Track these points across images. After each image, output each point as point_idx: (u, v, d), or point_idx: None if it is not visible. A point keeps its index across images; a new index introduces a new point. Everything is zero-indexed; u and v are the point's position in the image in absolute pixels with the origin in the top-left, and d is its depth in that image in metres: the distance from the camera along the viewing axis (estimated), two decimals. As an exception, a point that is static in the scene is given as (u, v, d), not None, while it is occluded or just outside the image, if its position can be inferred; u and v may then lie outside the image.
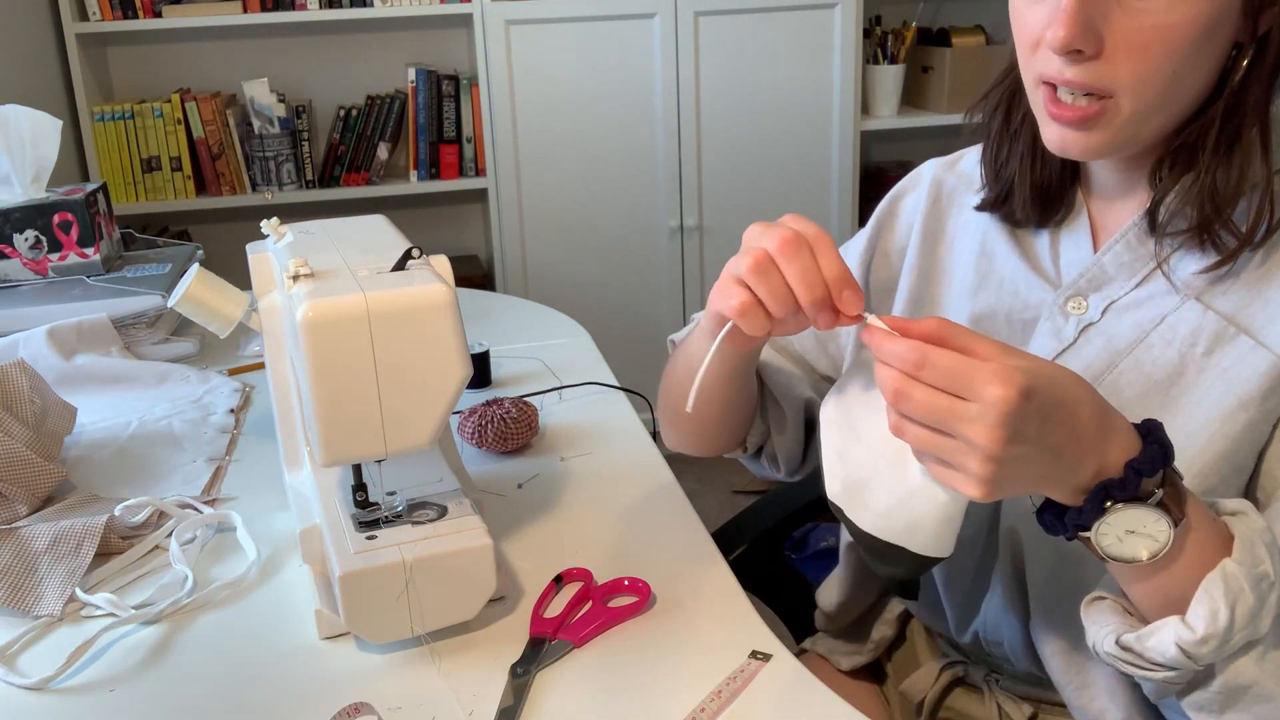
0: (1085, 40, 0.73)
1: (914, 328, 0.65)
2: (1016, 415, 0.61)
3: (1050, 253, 0.89)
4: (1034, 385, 0.61)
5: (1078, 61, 0.75)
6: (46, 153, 1.60)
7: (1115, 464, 0.66)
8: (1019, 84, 0.87)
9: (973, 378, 0.61)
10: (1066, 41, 0.73)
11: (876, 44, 3.10)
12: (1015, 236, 0.92)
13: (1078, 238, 0.88)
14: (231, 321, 1.05)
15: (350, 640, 0.86)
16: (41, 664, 0.85)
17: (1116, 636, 0.70)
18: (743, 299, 0.73)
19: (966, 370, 0.62)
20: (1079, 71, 0.75)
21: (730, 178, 3.03)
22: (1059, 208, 0.89)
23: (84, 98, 2.82)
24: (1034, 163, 0.88)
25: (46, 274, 1.58)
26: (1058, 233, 0.89)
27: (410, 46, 3.08)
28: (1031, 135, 0.88)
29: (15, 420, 1.09)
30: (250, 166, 2.95)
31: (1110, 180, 0.87)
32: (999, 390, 0.61)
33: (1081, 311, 0.85)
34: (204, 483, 1.13)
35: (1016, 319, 0.89)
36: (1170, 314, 0.81)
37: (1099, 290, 0.84)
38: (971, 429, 0.62)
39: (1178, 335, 0.80)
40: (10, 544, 0.97)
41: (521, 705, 0.78)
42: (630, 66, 2.91)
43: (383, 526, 0.86)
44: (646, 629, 0.87)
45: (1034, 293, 0.88)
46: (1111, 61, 0.74)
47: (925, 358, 0.63)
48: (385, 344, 0.78)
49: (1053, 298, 0.86)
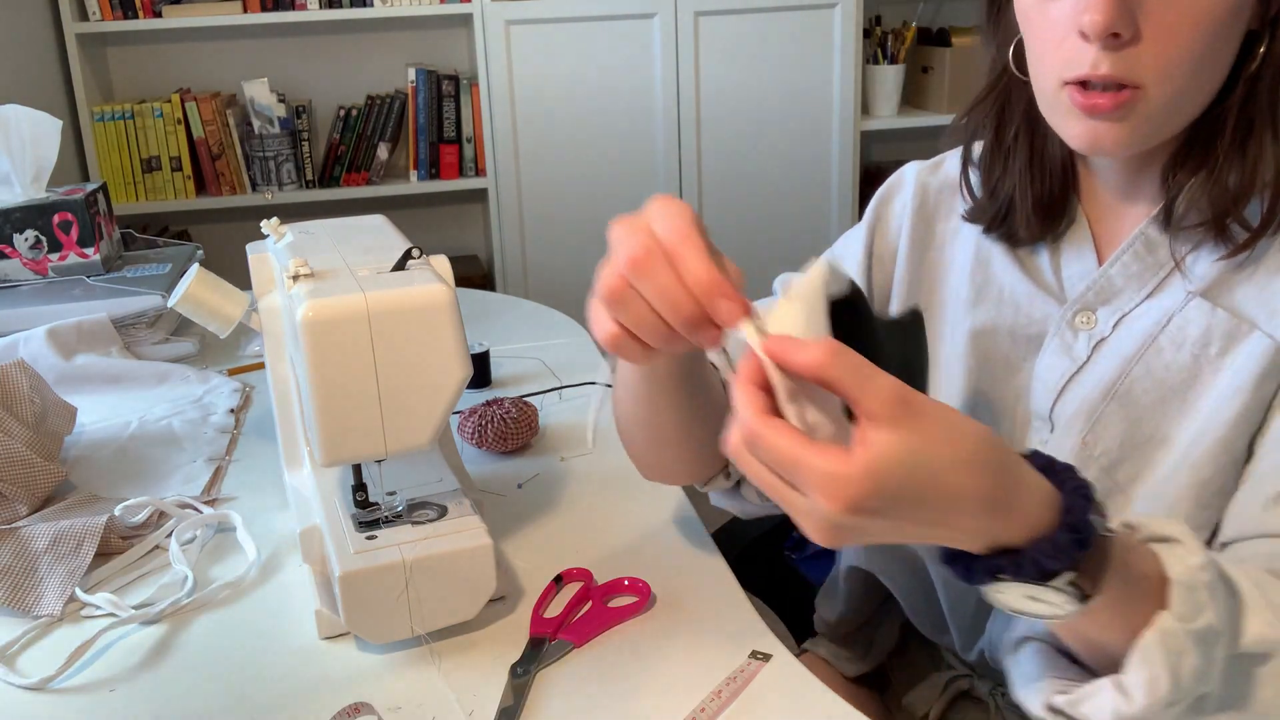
0: (1124, 22, 0.70)
1: (798, 356, 0.55)
2: (846, 524, 0.54)
3: (1051, 264, 0.87)
4: (870, 493, 0.53)
5: (1113, 48, 0.72)
6: (46, 153, 1.60)
7: (1017, 536, 0.57)
8: (1009, 97, 0.85)
9: (802, 475, 0.54)
10: (1106, 24, 0.70)
11: (876, 44, 3.10)
12: (1012, 247, 0.89)
13: (1079, 249, 0.85)
14: (231, 321, 1.05)
15: (350, 640, 0.86)
16: (41, 664, 0.85)
17: (1047, 700, 0.64)
18: (609, 331, 0.64)
19: (798, 467, 0.54)
20: (1113, 62, 0.72)
21: (730, 178, 3.03)
22: (1060, 219, 0.86)
23: (84, 98, 2.82)
24: (1034, 177, 0.85)
25: (46, 274, 1.58)
26: (1058, 244, 0.87)
27: (410, 46, 3.08)
28: (1029, 148, 0.85)
29: (15, 420, 1.09)
30: (250, 166, 2.95)
31: (1115, 184, 0.84)
32: (824, 503, 0.53)
33: (1091, 326, 0.82)
34: (204, 483, 1.13)
35: (1020, 334, 0.86)
36: (1176, 313, 0.78)
37: (1108, 303, 0.82)
38: (802, 521, 0.56)
39: (1188, 337, 0.77)
40: (10, 544, 0.97)
41: (521, 705, 0.78)
42: (630, 66, 2.91)
43: (383, 526, 0.86)
44: (646, 629, 0.87)
45: (1038, 307, 0.86)
46: (1142, 48, 0.72)
47: (759, 437, 0.55)
48: (385, 344, 0.78)
49: (1059, 312, 0.84)
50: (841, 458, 0.53)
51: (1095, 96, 0.73)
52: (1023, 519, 0.56)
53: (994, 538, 0.57)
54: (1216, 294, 0.78)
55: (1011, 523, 0.56)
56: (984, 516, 0.55)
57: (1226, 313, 0.76)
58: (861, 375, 0.54)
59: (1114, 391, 0.80)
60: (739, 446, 0.57)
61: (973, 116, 0.89)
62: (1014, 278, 0.88)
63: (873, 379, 0.54)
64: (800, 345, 0.55)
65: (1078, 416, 0.81)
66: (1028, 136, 0.85)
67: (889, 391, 0.53)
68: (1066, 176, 0.86)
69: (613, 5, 2.85)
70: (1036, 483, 0.57)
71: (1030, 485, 0.57)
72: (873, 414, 0.53)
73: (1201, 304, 0.78)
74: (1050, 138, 0.84)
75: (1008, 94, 0.86)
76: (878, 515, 0.53)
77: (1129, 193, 0.83)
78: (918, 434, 0.53)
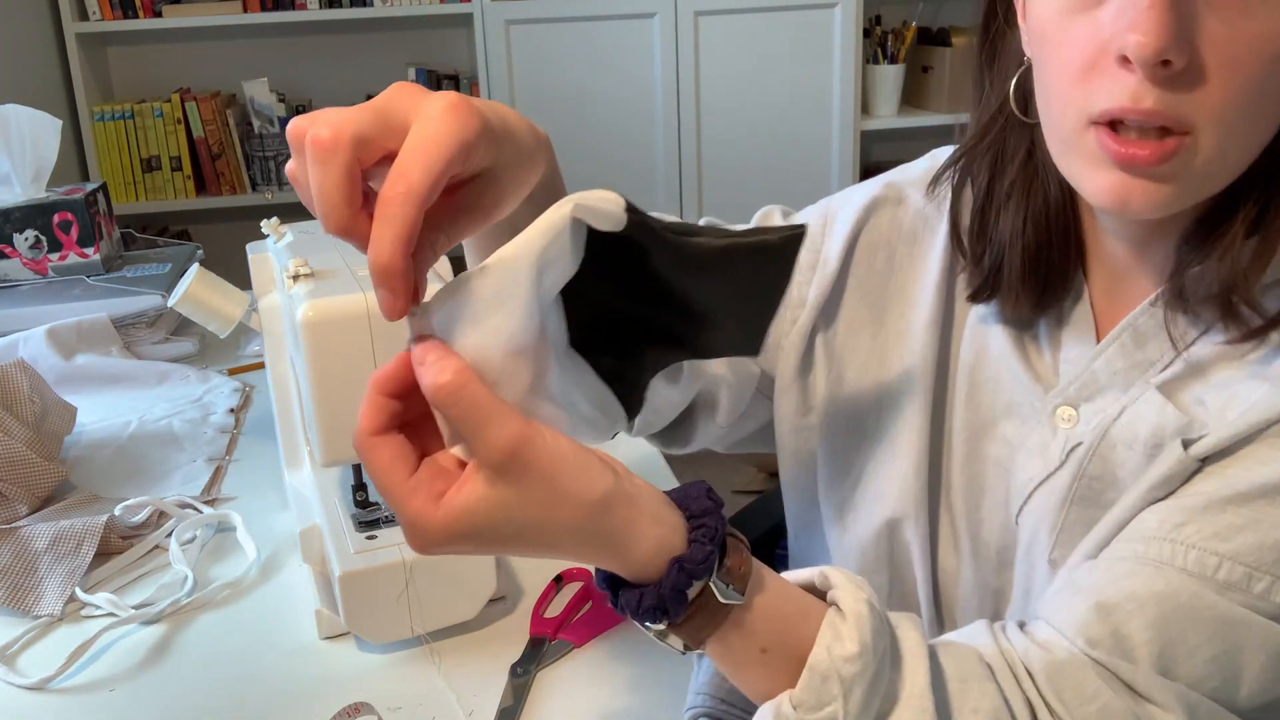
0: (1179, 47, 0.56)
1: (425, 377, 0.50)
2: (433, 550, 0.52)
3: (1050, 343, 0.75)
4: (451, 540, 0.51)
5: (1160, 81, 0.58)
6: (46, 152, 1.60)
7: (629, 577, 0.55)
8: (1004, 143, 0.73)
9: (393, 504, 0.52)
10: (1158, 48, 0.56)
11: (876, 44, 3.10)
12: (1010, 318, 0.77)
13: (1079, 327, 0.73)
14: (231, 321, 1.05)
15: (350, 640, 0.86)
16: (41, 664, 0.85)
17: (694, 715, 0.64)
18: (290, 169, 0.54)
19: (388, 494, 0.52)
20: (1159, 97, 0.58)
21: (730, 178, 3.03)
22: (1056, 293, 0.73)
23: (84, 98, 2.82)
24: (1025, 238, 0.72)
25: (46, 274, 1.58)
26: (1059, 324, 0.74)
27: (410, 46, 3.08)
28: (1024, 205, 0.72)
29: (15, 420, 1.09)
30: (250, 166, 2.95)
31: (1121, 249, 0.71)
32: (409, 535, 0.52)
33: (1070, 425, 0.71)
34: (204, 483, 1.13)
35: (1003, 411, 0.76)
36: (1130, 405, 0.68)
37: (1091, 400, 0.71)
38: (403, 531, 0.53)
39: (1138, 436, 0.67)
40: (10, 544, 0.97)
41: (521, 705, 0.78)
42: (630, 66, 2.91)
43: (383, 526, 0.87)
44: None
45: (1020, 390, 0.75)
46: (1197, 82, 0.58)
47: (361, 450, 0.52)
48: (385, 344, 0.79)
49: (1043, 401, 0.72)
50: (427, 507, 0.51)
51: (1134, 146, 0.60)
52: (628, 567, 0.54)
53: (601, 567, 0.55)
54: (1175, 387, 0.67)
55: (617, 565, 0.55)
56: (586, 557, 0.54)
57: (1177, 410, 0.66)
58: (480, 416, 0.49)
59: (1071, 495, 0.70)
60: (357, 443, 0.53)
61: (959, 166, 0.77)
62: (1002, 348, 0.76)
63: (489, 425, 0.50)
64: (434, 365, 0.50)
65: (1041, 527, 0.72)
66: (1023, 190, 0.72)
67: (503, 442, 0.50)
68: (1069, 239, 0.73)
69: (613, 5, 2.85)
70: (652, 536, 0.54)
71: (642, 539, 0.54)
72: (482, 461, 0.50)
73: (1154, 396, 0.67)
74: (1049, 195, 0.72)
75: (1003, 140, 0.73)
76: (468, 545, 0.52)
77: (1133, 262, 0.71)
78: (518, 494, 0.51)
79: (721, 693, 0.64)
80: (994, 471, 0.77)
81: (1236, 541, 0.60)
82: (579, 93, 2.91)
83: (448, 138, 0.49)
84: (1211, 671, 0.59)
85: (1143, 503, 0.64)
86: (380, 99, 0.52)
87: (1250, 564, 0.59)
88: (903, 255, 0.83)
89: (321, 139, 0.49)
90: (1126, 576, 0.61)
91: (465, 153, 0.50)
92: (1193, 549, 0.60)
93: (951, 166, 0.78)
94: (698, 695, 0.64)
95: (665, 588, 0.53)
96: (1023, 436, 0.74)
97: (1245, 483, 0.61)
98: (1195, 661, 0.59)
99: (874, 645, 0.54)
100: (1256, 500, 0.60)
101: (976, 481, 0.78)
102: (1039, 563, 0.72)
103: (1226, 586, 0.59)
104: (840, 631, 0.55)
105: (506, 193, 0.56)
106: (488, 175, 0.54)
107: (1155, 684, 0.58)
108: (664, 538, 0.54)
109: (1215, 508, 0.61)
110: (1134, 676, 0.58)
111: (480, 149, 0.51)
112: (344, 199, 0.49)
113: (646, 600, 0.54)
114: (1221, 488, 0.61)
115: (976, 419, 0.78)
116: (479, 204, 0.55)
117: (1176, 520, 0.61)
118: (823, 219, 0.88)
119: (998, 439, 0.76)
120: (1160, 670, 0.59)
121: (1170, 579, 0.60)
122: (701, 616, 0.54)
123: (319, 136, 0.49)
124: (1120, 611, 0.60)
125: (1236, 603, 0.59)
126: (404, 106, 0.51)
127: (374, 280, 0.49)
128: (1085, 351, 0.72)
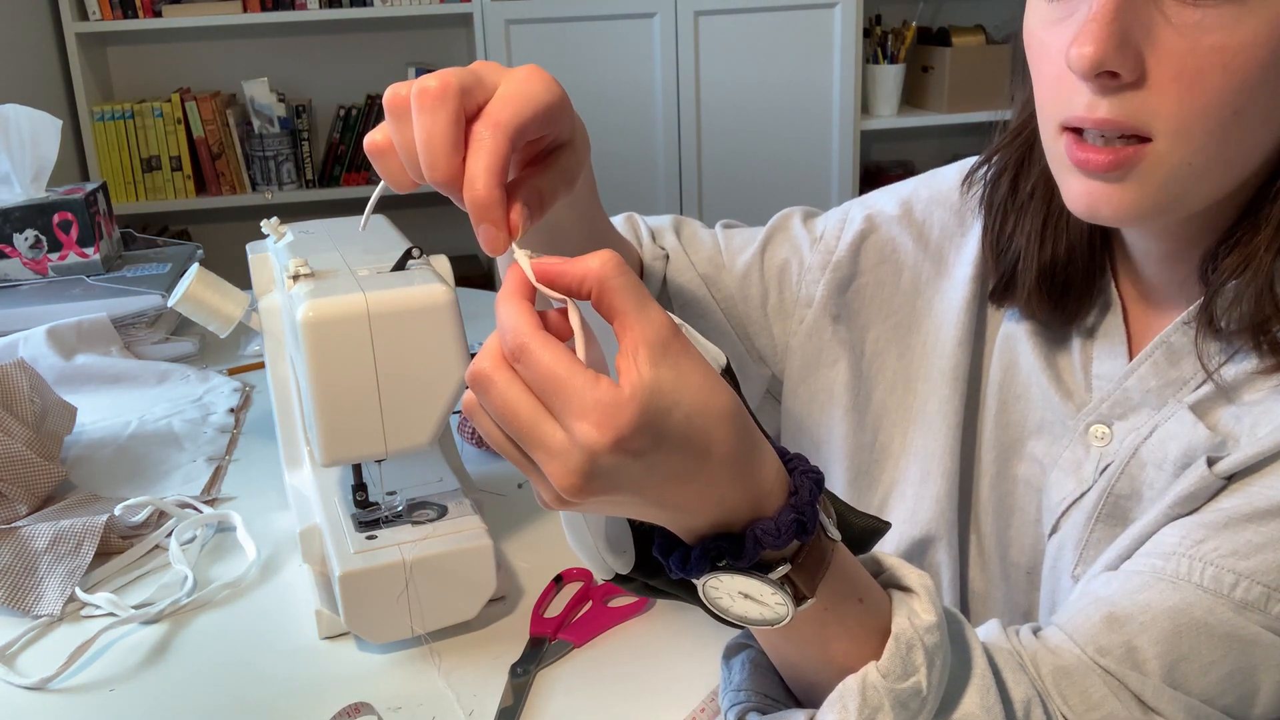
0: (1120, 58, 0.57)
1: (577, 266, 0.49)
2: (605, 465, 0.47)
3: (1081, 357, 0.74)
4: (640, 427, 0.46)
5: (1110, 91, 0.59)
6: (46, 152, 1.60)
7: (741, 517, 0.51)
8: (1031, 146, 0.72)
9: (569, 399, 0.46)
10: (1095, 59, 0.57)
11: (876, 44, 3.10)
12: (1039, 331, 0.76)
13: (1111, 342, 0.72)
14: (231, 321, 1.05)
15: (350, 640, 0.86)
16: (41, 664, 0.85)
17: (741, 715, 0.61)
18: (376, 140, 0.56)
19: (565, 387, 0.46)
20: (1112, 105, 0.59)
21: (730, 177, 3.03)
22: (1083, 303, 0.73)
23: (84, 97, 2.82)
24: (1043, 241, 0.72)
25: (46, 274, 1.58)
26: (1091, 337, 0.73)
27: (410, 46, 3.08)
28: (1044, 208, 0.72)
29: (15, 420, 1.09)
30: (250, 166, 2.95)
31: (1153, 267, 0.70)
32: (591, 431, 0.46)
33: (1105, 443, 0.70)
34: (204, 482, 1.13)
35: (1033, 429, 0.76)
36: (1161, 424, 0.67)
37: (1124, 418, 0.70)
38: (549, 464, 0.48)
39: (1168, 455, 0.66)
40: (10, 544, 0.97)
41: (521, 705, 0.78)
42: (630, 66, 2.91)
43: (383, 526, 0.86)
44: (646, 629, 0.87)
45: (1050, 407, 0.74)
46: (1154, 93, 0.58)
47: (526, 352, 0.47)
48: (385, 344, 0.78)
49: (1074, 419, 0.72)
50: (613, 386, 0.47)
51: (1090, 151, 0.60)
52: (755, 493, 0.51)
53: (723, 513, 0.51)
54: (1207, 407, 0.66)
55: (746, 493, 0.51)
56: (724, 478, 0.50)
57: (1209, 430, 0.65)
58: (641, 296, 0.48)
59: (1098, 513, 0.70)
60: (491, 368, 0.48)
61: (991, 165, 0.77)
62: (1030, 363, 0.76)
63: (651, 305, 0.48)
64: (580, 260, 0.49)
65: (1067, 545, 0.72)
66: (1044, 193, 0.72)
67: (664, 323, 0.48)
68: (1095, 247, 0.72)
69: (613, 5, 2.85)
70: (773, 460, 0.53)
71: (768, 460, 0.52)
72: (646, 342, 0.47)
73: (1186, 416, 0.66)
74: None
75: (1030, 142, 0.73)
76: (640, 457, 0.47)
77: (1164, 276, 0.70)
78: (683, 375, 0.48)
79: (762, 687, 0.62)
80: (1024, 491, 0.77)
81: (1255, 560, 0.59)
82: (579, 93, 2.91)
83: (532, 92, 0.54)
84: (1225, 688, 0.59)
85: (1165, 518, 0.64)
86: (470, 66, 0.55)
87: (1269, 584, 0.59)
88: (928, 274, 0.83)
89: (430, 88, 0.52)
90: (1142, 589, 0.61)
91: (548, 112, 0.55)
92: (1210, 565, 0.60)
93: (985, 164, 0.78)
94: (738, 692, 0.62)
95: (803, 499, 0.51)
96: (1054, 455, 0.74)
97: (1265, 501, 0.60)
98: (1209, 678, 0.59)
99: (945, 620, 0.55)
100: (1277, 519, 0.60)
101: (1006, 501, 0.78)
102: (1063, 579, 0.72)
103: (1244, 606, 0.59)
104: (914, 605, 0.55)
105: (583, 163, 0.61)
106: (568, 146, 0.60)
107: (1165, 696, 0.58)
108: (775, 460, 0.53)
109: (1235, 525, 0.61)
110: (1143, 687, 0.59)
111: (562, 115, 0.57)
112: (451, 144, 0.52)
113: (784, 517, 0.50)
114: (1242, 505, 0.61)
115: (1006, 437, 0.78)
116: (563, 172, 0.59)
117: (1197, 537, 0.61)
118: (840, 223, 0.88)
119: (1027, 457, 0.76)
120: (1170, 684, 0.59)
121: (1186, 594, 0.60)
122: (815, 554, 0.52)
123: (427, 87, 0.52)
124: (1133, 623, 0.60)
125: (1254, 623, 0.59)
126: (494, 69, 0.55)
127: (474, 219, 0.52)
128: (1116, 366, 0.71)
